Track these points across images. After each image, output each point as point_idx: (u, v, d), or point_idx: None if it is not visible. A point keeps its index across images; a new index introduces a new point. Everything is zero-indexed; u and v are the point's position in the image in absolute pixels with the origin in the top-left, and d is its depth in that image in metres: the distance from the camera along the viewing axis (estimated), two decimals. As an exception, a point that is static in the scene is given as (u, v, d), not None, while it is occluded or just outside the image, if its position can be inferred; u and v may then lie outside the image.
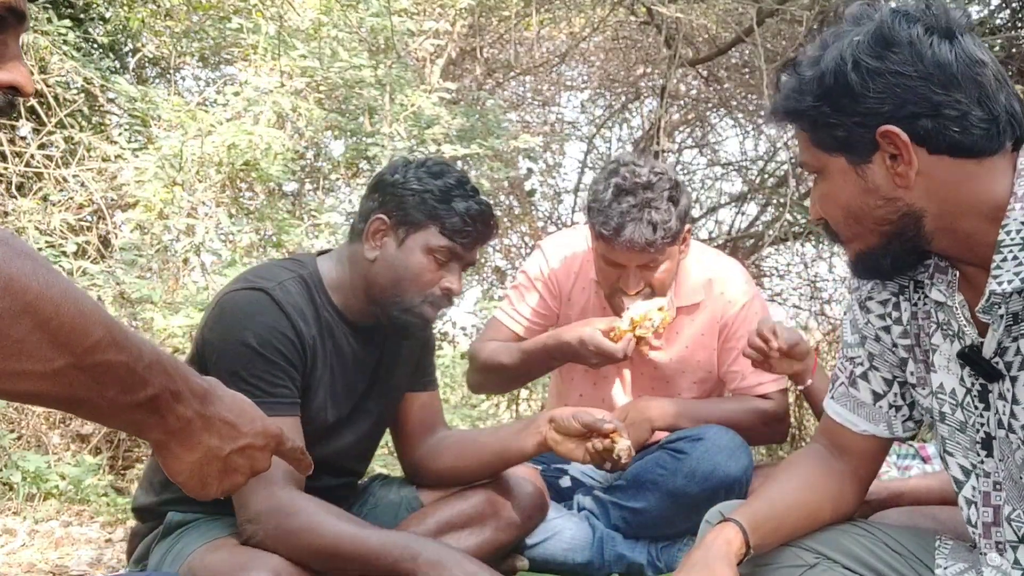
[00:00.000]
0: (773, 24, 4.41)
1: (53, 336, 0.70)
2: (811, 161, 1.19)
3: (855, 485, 1.36)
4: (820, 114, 1.13)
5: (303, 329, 1.68)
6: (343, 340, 1.78)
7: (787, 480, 1.36)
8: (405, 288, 1.74)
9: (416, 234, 1.74)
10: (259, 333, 1.62)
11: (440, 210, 1.73)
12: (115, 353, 0.75)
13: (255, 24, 3.91)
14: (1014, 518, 1.16)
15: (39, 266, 0.70)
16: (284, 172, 3.55)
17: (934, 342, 1.24)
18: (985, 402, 1.17)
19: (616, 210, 2.03)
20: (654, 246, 2.04)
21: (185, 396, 0.84)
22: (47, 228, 3.55)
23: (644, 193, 2.04)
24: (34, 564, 2.37)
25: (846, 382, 1.36)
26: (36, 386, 0.72)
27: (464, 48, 4.83)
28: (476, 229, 1.75)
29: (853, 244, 1.21)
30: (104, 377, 0.75)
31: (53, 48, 3.74)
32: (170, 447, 0.86)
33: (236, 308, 1.66)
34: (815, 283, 5.25)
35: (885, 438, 1.35)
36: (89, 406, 0.77)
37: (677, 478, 2.09)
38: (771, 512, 1.30)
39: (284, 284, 1.70)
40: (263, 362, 1.61)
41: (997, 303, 1.09)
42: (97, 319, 0.74)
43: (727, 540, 1.25)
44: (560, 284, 2.32)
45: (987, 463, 1.18)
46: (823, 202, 1.20)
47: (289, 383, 1.65)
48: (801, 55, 1.19)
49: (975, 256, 1.13)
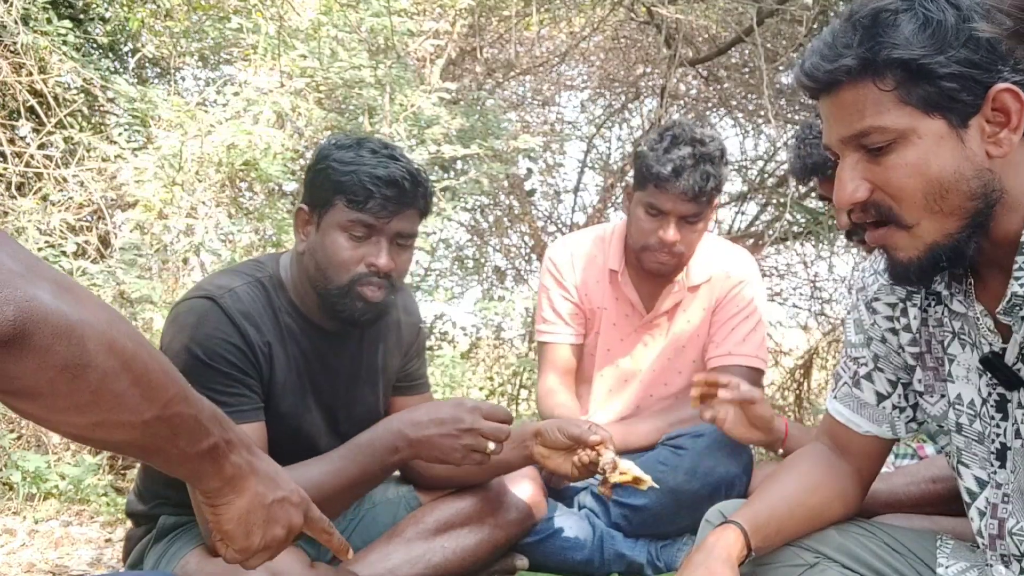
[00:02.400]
0: (773, 24, 4.40)
1: (144, 390, 0.77)
2: (892, 124, 1.03)
3: (858, 485, 1.35)
4: (934, 64, 0.99)
5: (253, 337, 1.63)
6: (307, 343, 1.73)
7: (790, 480, 1.33)
8: (330, 273, 1.66)
9: (327, 214, 1.66)
10: (202, 343, 1.58)
11: (344, 182, 1.63)
12: (186, 406, 0.83)
13: (255, 24, 3.91)
14: (1016, 531, 1.14)
15: (130, 327, 0.78)
16: (284, 172, 3.54)
17: (951, 352, 1.19)
18: (1003, 412, 1.13)
19: (675, 155, 2.12)
20: (705, 194, 2.14)
21: (236, 445, 0.91)
22: (47, 228, 3.55)
23: (700, 147, 2.15)
24: (34, 564, 2.37)
25: (849, 382, 1.34)
26: (129, 435, 0.78)
27: (464, 48, 4.82)
28: (383, 194, 1.62)
29: (924, 234, 1.05)
30: (179, 428, 0.82)
31: (53, 48, 3.74)
32: (224, 493, 0.92)
33: (182, 317, 1.63)
34: (815, 283, 5.24)
35: (888, 439, 1.34)
36: (164, 455, 0.84)
37: (678, 475, 2.10)
38: (772, 513, 1.28)
39: (235, 291, 1.65)
40: (212, 372, 1.58)
41: (1019, 304, 1.04)
42: (173, 375, 0.82)
43: (728, 543, 1.23)
44: (574, 281, 2.40)
45: (999, 474, 1.15)
46: (903, 172, 1.03)
47: (244, 390, 1.61)
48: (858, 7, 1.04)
49: (997, 256, 1.07)
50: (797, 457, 1.41)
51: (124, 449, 0.84)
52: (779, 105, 4.60)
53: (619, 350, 2.41)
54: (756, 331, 2.35)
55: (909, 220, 1.05)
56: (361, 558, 1.73)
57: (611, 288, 2.38)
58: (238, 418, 1.57)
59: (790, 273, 5.41)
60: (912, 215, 1.05)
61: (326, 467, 1.63)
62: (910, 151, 1.03)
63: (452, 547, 1.76)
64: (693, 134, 2.17)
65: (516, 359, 4.99)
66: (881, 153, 1.05)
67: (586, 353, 2.43)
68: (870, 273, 1.34)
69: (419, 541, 1.76)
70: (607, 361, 2.42)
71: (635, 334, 2.39)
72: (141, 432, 0.79)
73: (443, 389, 3.74)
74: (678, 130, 2.18)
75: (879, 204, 1.07)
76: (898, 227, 1.06)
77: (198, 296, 1.65)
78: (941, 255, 1.05)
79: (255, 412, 1.62)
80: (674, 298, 2.35)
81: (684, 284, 2.34)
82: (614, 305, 2.39)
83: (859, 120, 1.04)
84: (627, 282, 2.36)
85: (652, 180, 2.14)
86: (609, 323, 2.40)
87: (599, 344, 2.41)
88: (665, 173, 2.11)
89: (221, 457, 0.89)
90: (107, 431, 0.77)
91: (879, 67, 1.02)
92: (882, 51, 1.01)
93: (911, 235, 1.06)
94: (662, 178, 2.12)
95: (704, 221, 2.22)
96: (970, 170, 1.02)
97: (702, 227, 2.23)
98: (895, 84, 1.02)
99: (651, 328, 2.39)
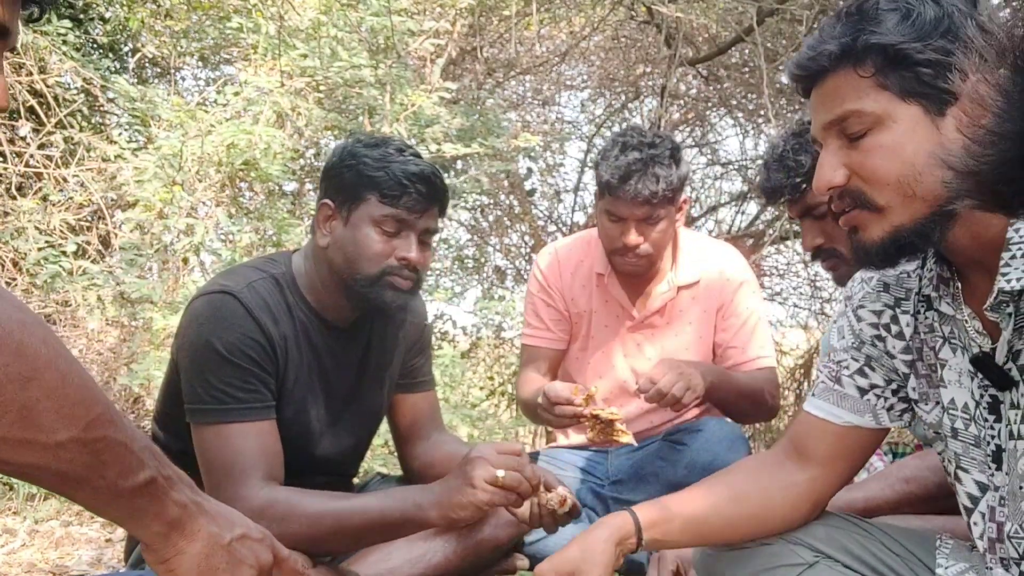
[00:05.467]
0: (773, 23, 4.40)
1: (59, 406, 0.68)
2: (869, 109, 1.05)
3: (811, 494, 1.31)
4: (911, 50, 1.01)
5: (272, 331, 1.65)
6: (319, 339, 1.75)
7: (716, 487, 1.35)
8: (359, 265, 1.68)
9: (358, 208, 1.69)
10: (225, 338, 1.59)
11: (377, 178, 1.67)
12: (114, 431, 0.73)
13: (255, 24, 3.91)
14: (1013, 534, 1.13)
15: (48, 334, 0.69)
16: (284, 172, 3.55)
17: (942, 356, 1.19)
18: (996, 413, 1.13)
19: (623, 162, 2.15)
20: (656, 198, 2.15)
21: (177, 482, 0.80)
22: (47, 228, 3.55)
23: (649, 150, 2.17)
24: (34, 564, 2.37)
25: (828, 380, 1.31)
26: (39, 458, 0.68)
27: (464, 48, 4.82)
28: (417, 190, 1.67)
29: (892, 216, 1.06)
30: (104, 455, 0.72)
31: (53, 48, 3.74)
32: (172, 541, 0.80)
33: (202, 313, 1.63)
34: (815, 282, 5.25)
35: (871, 430, 1.29)
36: (90, 488, 0.73)
37: (677, 469, 2.12)
38: (678, 511, 1.33)
39: (253, 285, 1.67)
40: (231, 367, 1.59)
41: (1005, 301, 1.04)
42: (98, 394, 0.72)
43: (615, 525, 1.30)
44: (559, 287, 2.41)
45: (996, 477, 1.14)
46: (878, 155, 1.05)
47: (261, 387, 1.62)
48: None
49: (982, 255, 1.07)
50: (741, 465, 1.41)
51: (38, 477, 0.71)
52: (779, 105, 4.60)
53: (614, 352, 2.40)
54: (766, 330, 2.41)
55: (880, 202, 1.07)
56: (361, 558, 1.73)
57: (599, 291, 2.39)
58: (253, 415, 1.58)
59: (790, 273, 5.42)
60: (883, 197, 1.06)
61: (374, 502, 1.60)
62: (886, 135, 1.05)
63: (453, 547, 1.76)
64: (642, 138, 2.19)
65: (516, 359, 4.99)
66: (859, 138, 1.07)
67: (583, 357, 2.42)
68: (857, 281, 1.34)
69: (419, 541, 1.75)
70: (603, 363, 2.41)
71: (628, 335, 2.39)
72: (55, 455, 0.69)
73: (443, 389, 3.74)
74: (628, 136, 2.21)
75: (853, 191, 1.09)
76: (869, 210, 1.08)
77: (216, 291, 1.65)
78: (906, 238, 1.06)
79: (267, 410, 1.63)
80: (663, 297, 2.35)
81: (673, 283, 2.35)
82: (603, 307, 2.39)
83: (839, 105, 1.07)
84: (614, 284, 2.36)
85: (605, 188, 2.18)
86: (601, 325, 2.40)
87: (594, 347, 2.41)
88: (615, 181, 2.14)
89: (161, 494, 0.78)
90: (11, 450, 0.67)
91: (859, 53, 1.05)
92: (861, 37, 1.04)
93: (880, 217, 1.07)
94: (613, 186, 2.15)
95: (667, 220, 2.23)
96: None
97: (665, 226, 2.23)
98: (874, 70, 1.04)
99: (644, 328, 2.38)
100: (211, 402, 1.58)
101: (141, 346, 3.31)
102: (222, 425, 1.57)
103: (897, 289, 1.25)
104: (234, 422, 1.57)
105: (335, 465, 1.87)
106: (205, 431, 1.58)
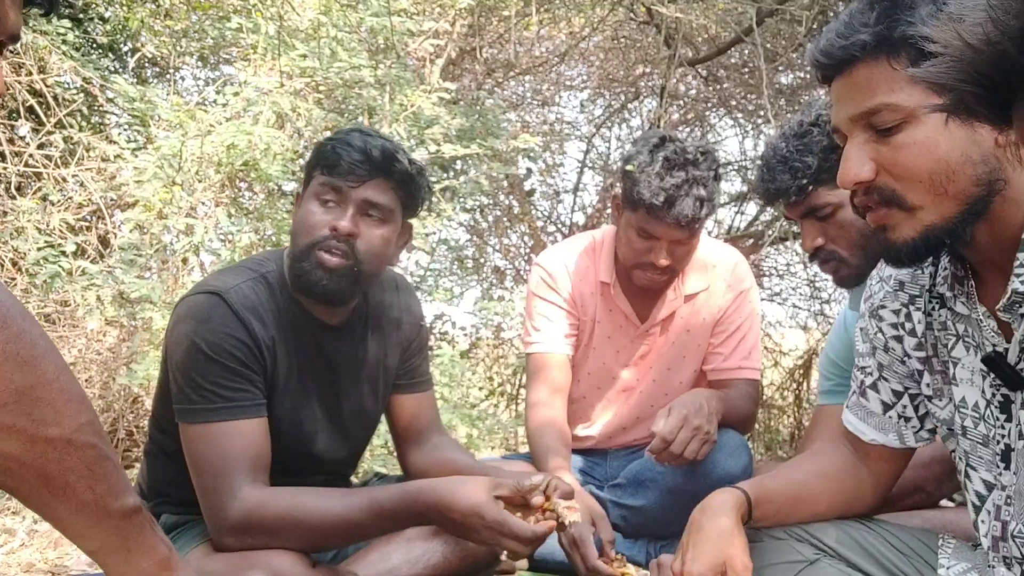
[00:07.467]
0: (773, 24, 4.40)
1: (53, 398, 0.66)
2: (903, 103, 1.02)
3: (874, 490, 1.35)
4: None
5: (259, 332, 1.65)
6: (310, 339, 1.75)
7: (806, 465, 1.35)
8: (296, 241, 1.68)
9: (308, 188, 1.71)
10: (209, 339, 1.59)
11: (322, 152, 1.69)
12: (103, 444, 0.70)
13: (255, 24, 3.90)
14: (1016, 534, 1.13)
15: (46, 334, 0.69)
16: (283, 172, 3.54)
17: (955, 355, 1.18)
18: (1007, 413, 1.12)
19: (668, 183, 2.04)
20: (698, 222, 2.07)
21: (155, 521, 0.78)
22: (47, 228, 3.55)
23: (693, 170, 2.06)
24: (33, 564, 2.37)
25: (857, 391, 1.34)
26: (25, 450, 0.66)
27: (464, 48, 4.82)
28: (352, 158, 1.64)
29: (923, 215, 1.04)
30: (94, 466, 0.69)
31: (52, 48, 3.74)
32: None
33: (188, 313, 1.64)
34: (814, 283, 5.25)
35: (899, 449, 1.32)
36: (74, 500, 0.70)
37: (676, 475, 2.10)
38: (780, 490, 1.30)
39: (240, 286, 1.67)
40: (218, 367, 1.59)
41: (1018, 301, 1.03)
42: (88, 403, 0.70)
43: (730, 501, 1.25)
44: (570, 291, 2.34)
45: (1004, 476, 1.14)
46: (911, 151, 1.02)
47: (249, 386, 1.62)
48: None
49: (998, 255, 1.06)
50: (821, 448, 1.41)
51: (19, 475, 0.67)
52: (779, 105, 4.60)
53: (616, 362, 2.37)
54: (757, 341, 2.36)
55: (912, 201, 1.04)
56: (361, 558, 1.73)
57: (603, 300, 2.33)
58: (240, 413, 1.58)
59: (790, 273, 5.41)
60: (915, 196, 1.03)
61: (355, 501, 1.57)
62: (919, 130, 1.02)
63: (452, 547, 1.75)
64: (686, 156, 2.08)
65: (516, 359, 4.98)
66: (889, 133, 1.04)
67: (582, 366, 2.39)
68: (876, 281, 1.33)
69: (419, 541, 1.75)
70: (604, 374, 2.38)
71: (631, 345, 2.35)
72: (41, 452, 0.66)
73: (442, 389, 3.73)
74: (670, 151, 2.09)
75: (882, 188, 1.06)
76: (899, 208, 1.05)
77: (203, 291, 1.66)
78: (937, 238, 1.04)
79: (257, 408, 1.62)
80: (669, 307, 2.31)
81: (680, 292, 2.30)
82: (607, 317, 2.34)
83: (871, 98, 1.04)
84: (619, 294, 2.31)
85: (643, 207, 2.08)
86: (604, 336, 2.36)
87: (594, 357, 2.37)
88: (658, 203, 2.04)
89: (150, 525, 0.74)
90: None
91: (894, 44, 1.01)
92: (898, 28, 1.01)
93: (911, 216, 1.05)
94: (655, 208, 2.05)
95: (696, 238, 2.17)
96: (977, 155, 1.01)
97: (695, 243, 2.18)
98: (909, 63, 1.01)
99: (647, 338, 2.35)
100: (199, 401, 1.58)
101: (141, 346, 3.31)
102: (209, 424, 1.57)
103: (912, 287, 1.25)
104: (221, 421, 1.57)
105: (331, 465, 1.86)
106: (192, 430, 1.58)
